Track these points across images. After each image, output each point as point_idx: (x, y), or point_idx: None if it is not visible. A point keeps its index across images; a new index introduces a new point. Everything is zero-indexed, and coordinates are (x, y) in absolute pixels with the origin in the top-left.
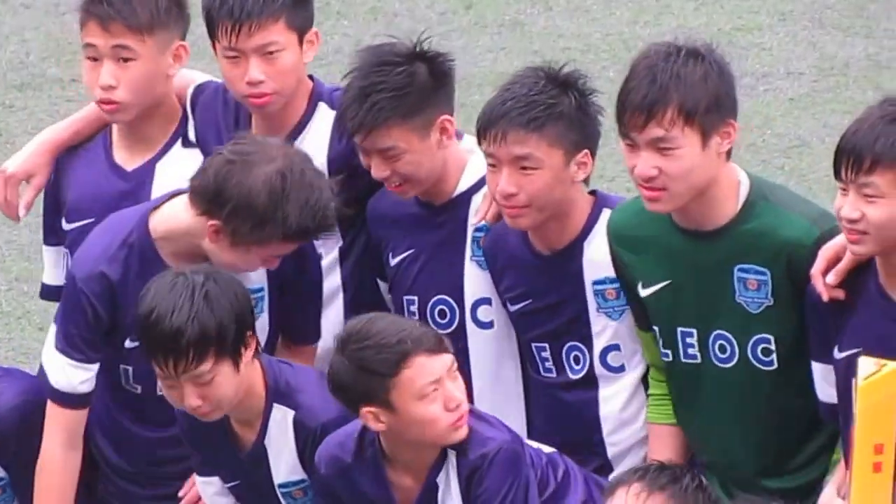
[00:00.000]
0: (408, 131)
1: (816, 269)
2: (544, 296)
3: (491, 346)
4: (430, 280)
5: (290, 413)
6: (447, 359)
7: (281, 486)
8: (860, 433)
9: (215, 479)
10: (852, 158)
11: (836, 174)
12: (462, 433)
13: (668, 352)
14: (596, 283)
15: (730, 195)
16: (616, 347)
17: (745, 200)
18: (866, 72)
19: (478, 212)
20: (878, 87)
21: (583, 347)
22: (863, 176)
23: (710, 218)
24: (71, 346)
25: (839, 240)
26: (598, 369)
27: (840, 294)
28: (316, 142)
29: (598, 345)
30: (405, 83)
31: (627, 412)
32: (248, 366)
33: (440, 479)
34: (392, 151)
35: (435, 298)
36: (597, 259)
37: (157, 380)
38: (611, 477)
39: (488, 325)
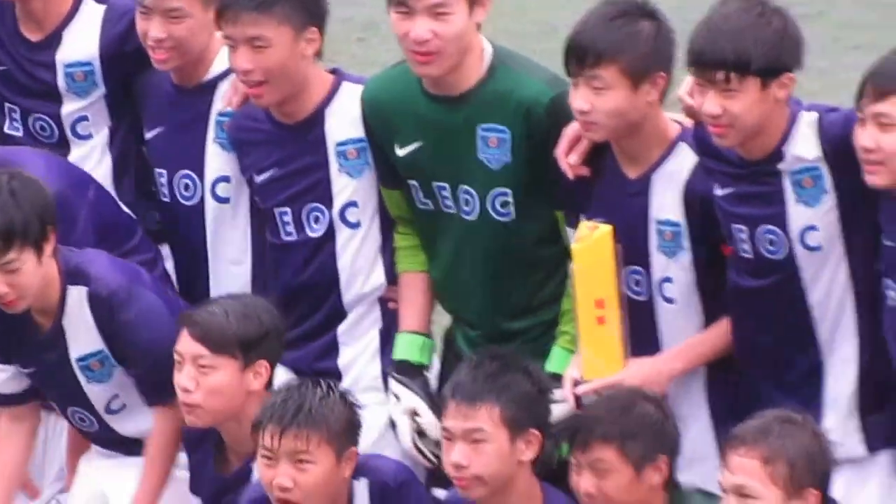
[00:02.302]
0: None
1: (560, 150)
2: (289, 163)
3: (227, 217)
4: (176, 156)
5: (84, 290)
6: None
7: (79, 359)
8: (580, 292)
9: (10, 368)
10: (579, 54)
11: (567, 70)
12: None
13: (429, 202)
14: (339, 144)
15: (476, 61)
16: (354, 204)
17: (489, 66)
18: None
19: (224, 98)
20: None
21: (323, 207)
22: (588, 70)
23: (457, 83)
24: None
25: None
26: (338, 224)
27: (583, 171)
28: (84, 33)
29: (338, 203)
30: None
31: (358, 264)
32: (49, 259)
33: None
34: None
35: (180, 173)
36: (338, 124)
37: None
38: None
39: (225, 200)
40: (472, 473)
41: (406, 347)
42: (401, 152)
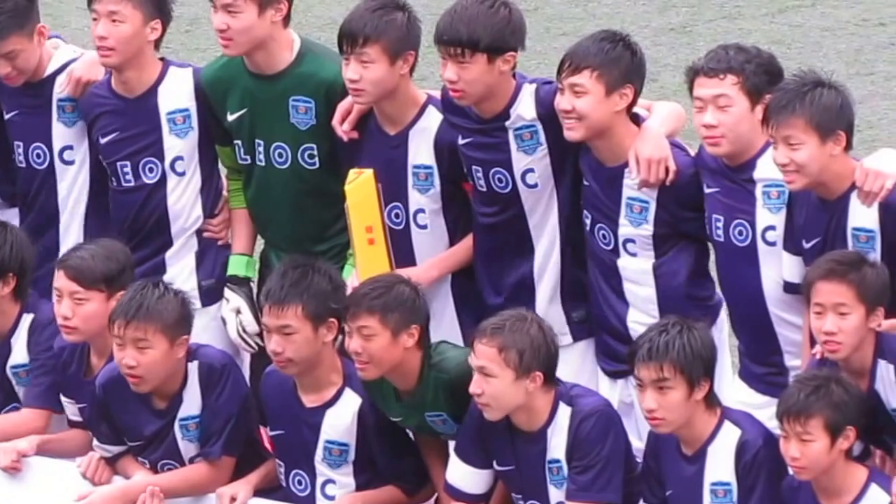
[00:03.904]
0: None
1: (336, 120)
2: (130, 128)
3: (78, 180)
4: (29, 132)
5: (30, 317)
6: None
7: (12, 367)
8: (353, 222)
9: None
10: (350, 37)
11: (340, 49)
12: None
13: (248, 157)
14: (169, 113)
15: (286, 49)
16: (181, 158)
17: (297, 53)
18: None
19: (61, 86)
20: None
21: (156, 160)
22: (358, 48)
23: (272, 65)
24: None
25: (350, 99)
26: (169, 173)
27: (354, 134)
28: None
29: (168, 157)
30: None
31: (183, 204)
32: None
33: None
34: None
35: (34, 145)
36: (168, 98)
37: None
38: None
39: (70, 163)
40: (286, 357)
41: (235, 265)
42: (230, 118)
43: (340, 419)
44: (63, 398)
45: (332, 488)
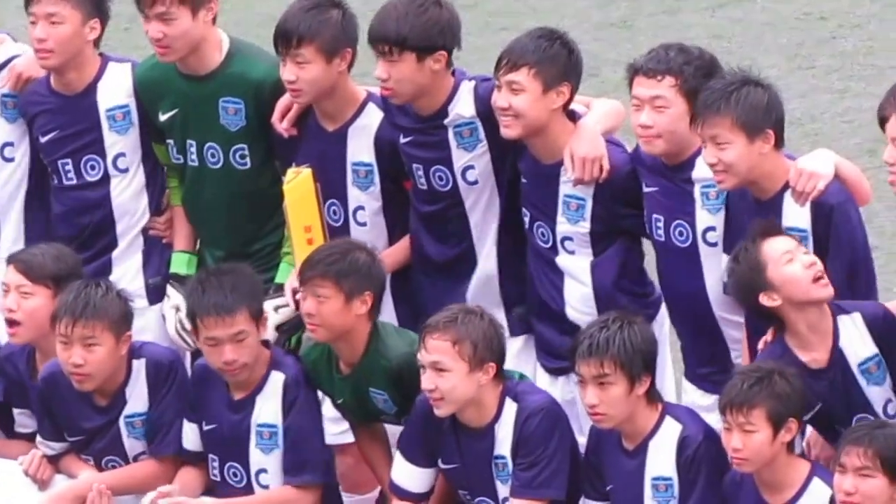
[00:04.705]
0: None
1: (275, 118)
2: (69, 126)
3: (15, 176)
4: None
5: None
6: None
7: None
8: (292, 221)
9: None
10: (285, 37)
11: (276, 49)
12: None
13: (181, 156)
14: (108, 110)
15: (214, 50)
16: (123, 154)
17: (227, 53)
18: None
19: (3, 81)
20: None
21: (98, 158)
22: (293, 49)
23: (201, 66)
24: None
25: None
26: (111, 171)
27: (293, 131)
28: None
29: (110, 154)
30: None
31: (127, 201)
32: None
33: None
34: None
35: None
36: (107, 95)
37: None
38: None
39: (11, 160)
40: (242, 363)
41: (177, 262)
42: (163, 118)
43: (269, 401)
44: (15, 411)
45: (266, 478)
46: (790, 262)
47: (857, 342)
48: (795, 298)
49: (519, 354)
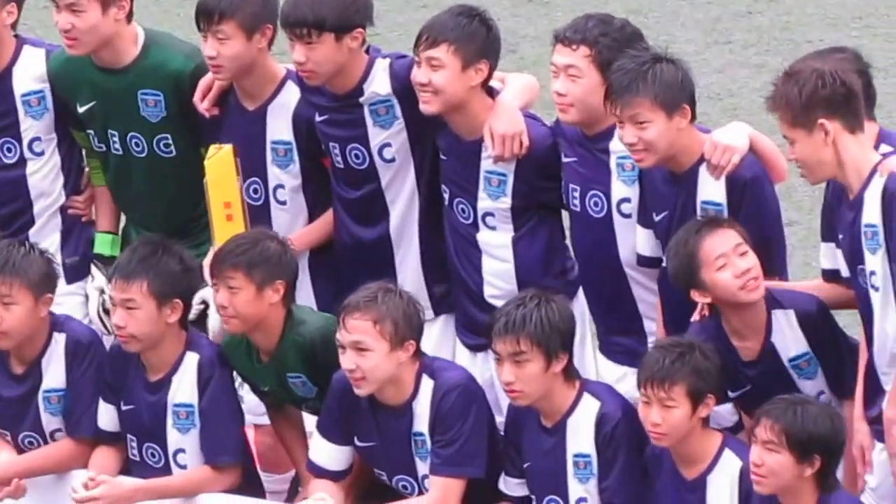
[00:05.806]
0: None
1: (196, 98)
2: None
3: None
4: None
5: None
6: None
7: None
8: (212, 197)
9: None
10: (206, 13)
11: (199, 26)
12: None
13: (103, 145)
14: (24, 95)
15: (130, 43)
16: (38, 139)
17: (142, 45)
18: None
19: None
20: None
21: (14, 141)
22: (214, 25)
23: (117, 59)
24: None
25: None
26: (27, 154)
27: (214, 111)
28: None
29: (26, 138)
30: None
31: (44, 183)
32: None
33: None
34: None
35: None
36: (22, 80)
37: None
38: None
39: None
40: (129, 332)
41: (101, 243)
42: (81, 110)
43: (184, 381)
44: None
45: (184, 457)
46: (723, 268)
47: (790, 339)
48: (724, 301)
49: (440, 333)
